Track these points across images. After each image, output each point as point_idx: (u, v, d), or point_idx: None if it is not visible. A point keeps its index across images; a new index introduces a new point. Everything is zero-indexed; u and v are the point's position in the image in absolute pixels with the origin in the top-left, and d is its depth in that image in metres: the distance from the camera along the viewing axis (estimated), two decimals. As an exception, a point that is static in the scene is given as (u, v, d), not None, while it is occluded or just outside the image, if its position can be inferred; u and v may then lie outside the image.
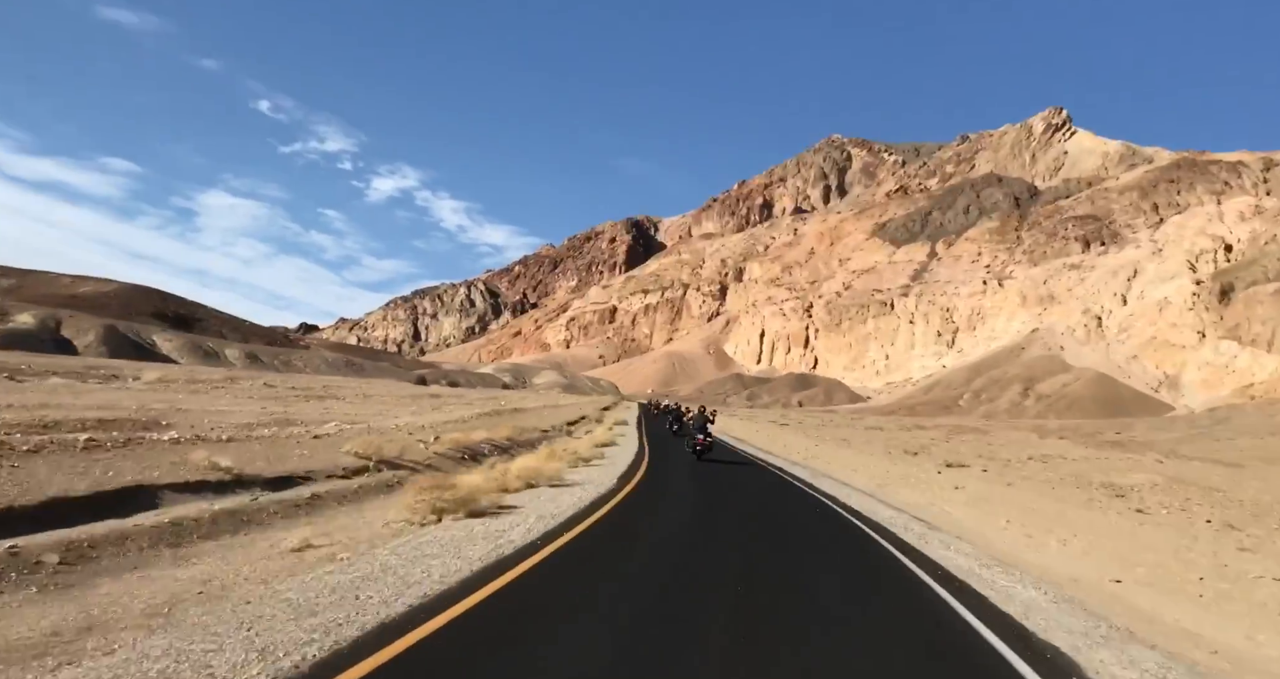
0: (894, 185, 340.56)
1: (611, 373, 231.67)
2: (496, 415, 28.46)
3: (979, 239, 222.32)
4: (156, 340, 56.14)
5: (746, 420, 65.25)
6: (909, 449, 37.29)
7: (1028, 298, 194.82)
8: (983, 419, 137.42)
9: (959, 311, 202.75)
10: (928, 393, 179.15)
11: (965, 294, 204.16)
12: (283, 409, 22.55)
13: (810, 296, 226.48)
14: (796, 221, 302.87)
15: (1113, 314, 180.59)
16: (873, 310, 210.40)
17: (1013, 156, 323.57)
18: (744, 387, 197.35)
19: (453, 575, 6.85)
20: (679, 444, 29.36)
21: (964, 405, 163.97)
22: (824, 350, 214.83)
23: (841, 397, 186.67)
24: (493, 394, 64.50)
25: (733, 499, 15.43)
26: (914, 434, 68.15)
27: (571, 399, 69.88)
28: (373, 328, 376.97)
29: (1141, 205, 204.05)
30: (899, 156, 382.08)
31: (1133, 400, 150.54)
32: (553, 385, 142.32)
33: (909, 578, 8.86)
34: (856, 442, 43.15)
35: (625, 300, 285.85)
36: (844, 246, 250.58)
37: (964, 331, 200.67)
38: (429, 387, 67.73)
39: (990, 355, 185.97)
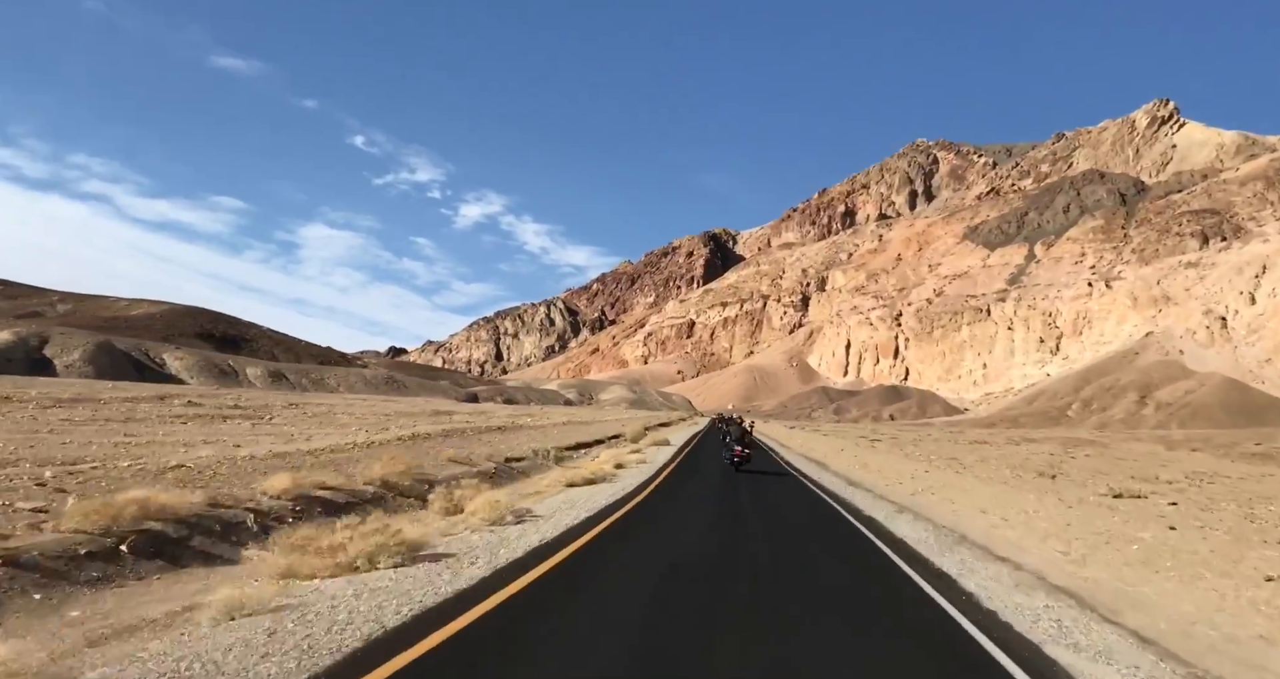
0: (985, 188, 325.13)
1: (690, 388, 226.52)
2: (467, 435, 23.17)
3: (1082, 239, 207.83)
4: (167, 359, 53.64)
5: (832, 437, 59.29)
6: (1040, 470, 30.48)
7: (1139, 299, 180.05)
8: (1095, 430, 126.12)
9: (1063, 316, 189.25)
10: (1031, 403, 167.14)
11: (1069, 297, 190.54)
12: (136, 437, 17.01)
13: (899, 304, 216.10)
14: (881, 228, 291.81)
15: (1239, 314, 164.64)
16: (967, 317, 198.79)
17: (1114, 153, 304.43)
18: (830, 400, 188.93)
19: None
20: (723, 482, 18.91)
21: (1073, 415, 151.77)
22: (915, 360, 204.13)
23: (936, 409, 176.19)
24: (526, 410, 60.69)
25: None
26: (1026, 449, 60.85)
27: (629, 415, 65.31)
28: (456, 349, 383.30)
29: (1268, 196, 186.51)
30: (989, 158, 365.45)
31: (1270, 407, 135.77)
32: (619, 401, 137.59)
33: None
34: (967, 460, 37.02)
35: (703, 314, 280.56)
36: (933, 251, 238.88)
37: (1069, 337, 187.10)
38: (470, 404, 64.17)
39: (1100, 362, 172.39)
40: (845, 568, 9.06)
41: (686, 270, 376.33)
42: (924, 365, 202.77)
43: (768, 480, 20.53)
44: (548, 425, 33.87)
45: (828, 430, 78.93)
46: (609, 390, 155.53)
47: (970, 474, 27.01)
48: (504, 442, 23.07)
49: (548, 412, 56.23)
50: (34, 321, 59.68)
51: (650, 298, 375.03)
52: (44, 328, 55.27)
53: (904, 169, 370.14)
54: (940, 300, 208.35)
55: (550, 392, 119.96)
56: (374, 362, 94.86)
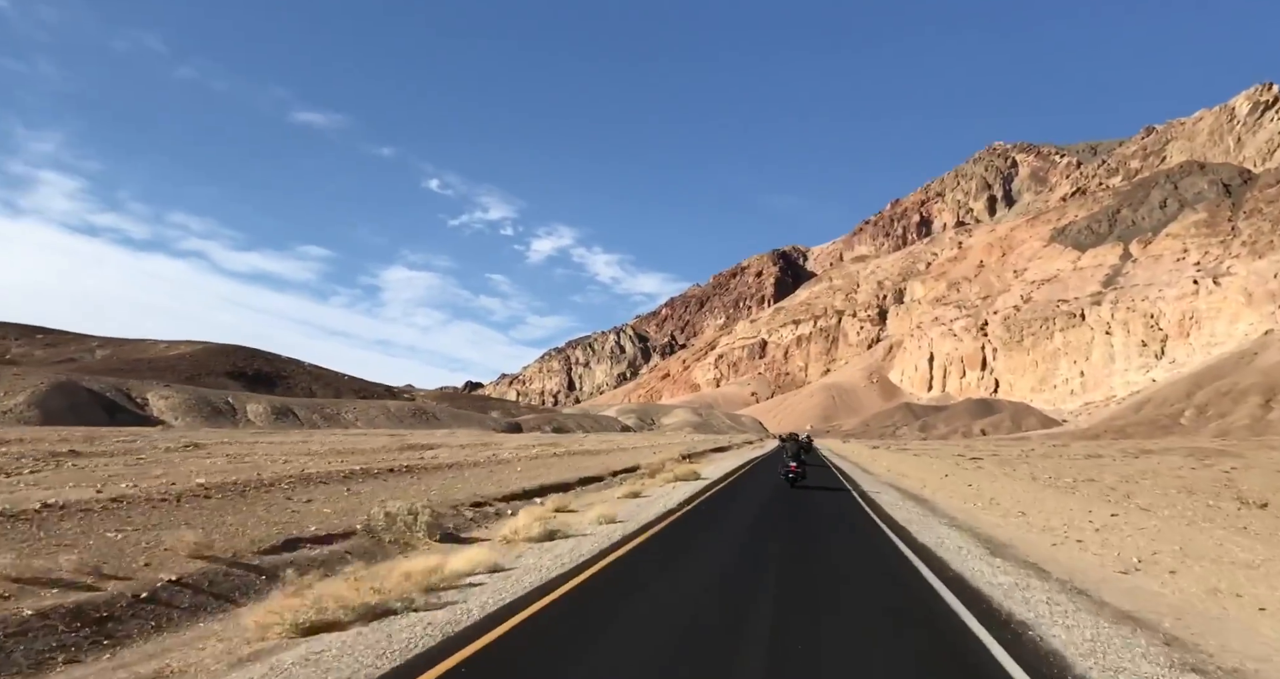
0: (1070, 188, 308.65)
1: (765, 410, 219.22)
2: (377, 479, 16.99)
3: (1183, 234, 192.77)
4: (151, 399, 49.95)
5: (924, 456, 52.19)
6: (1234, 495, 21.04)
7: (1254, 296, 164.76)
8: (1217, 438, 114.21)
9: (1167, 317, 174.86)
10: (1138, 411, 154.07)
11: (1172, 297, 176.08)
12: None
13: (984, 313, 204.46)
14: (960, 235, 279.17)
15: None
16: (1060, 323, 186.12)
17: (1213, 143, 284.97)
18: (915, 417, 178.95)
19: None
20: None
21: (1186, 423, 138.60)
22: (1005, 371, 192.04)
23: (1031, 421, 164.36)
24: (561, 438, 56.18)
25: None
26: (1150, 462, 53.31)
27: (686, 439, 60.16)
28: (530, 381, 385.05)
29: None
30: (1073, 158, 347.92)
31: None
32: (682, 425, 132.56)
33: None
34: (1106, 480, 30.58)
35: (775, 333, 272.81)
36: (1018, 256, 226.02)
37: (1175, 339, 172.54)
38: (506, 434, 60.06)
39: (1213, 364, 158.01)
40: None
41: (756, 290, 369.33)
42: (1015, 376, 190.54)
43: (832, 552, 11.27)
44: (550, 457, 28.47)
45: (917, 449, 71.99)
46: (672, 414, 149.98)
47: (1154, 511, 17.62)
48: (406, 489, 15.55)
49: (584, 439, 51.66)
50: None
51: (720, 320, 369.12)
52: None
53: (981, 174, 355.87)
54: (1029, 307, 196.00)
55: (607, 418, 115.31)
56: (421, 395, 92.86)
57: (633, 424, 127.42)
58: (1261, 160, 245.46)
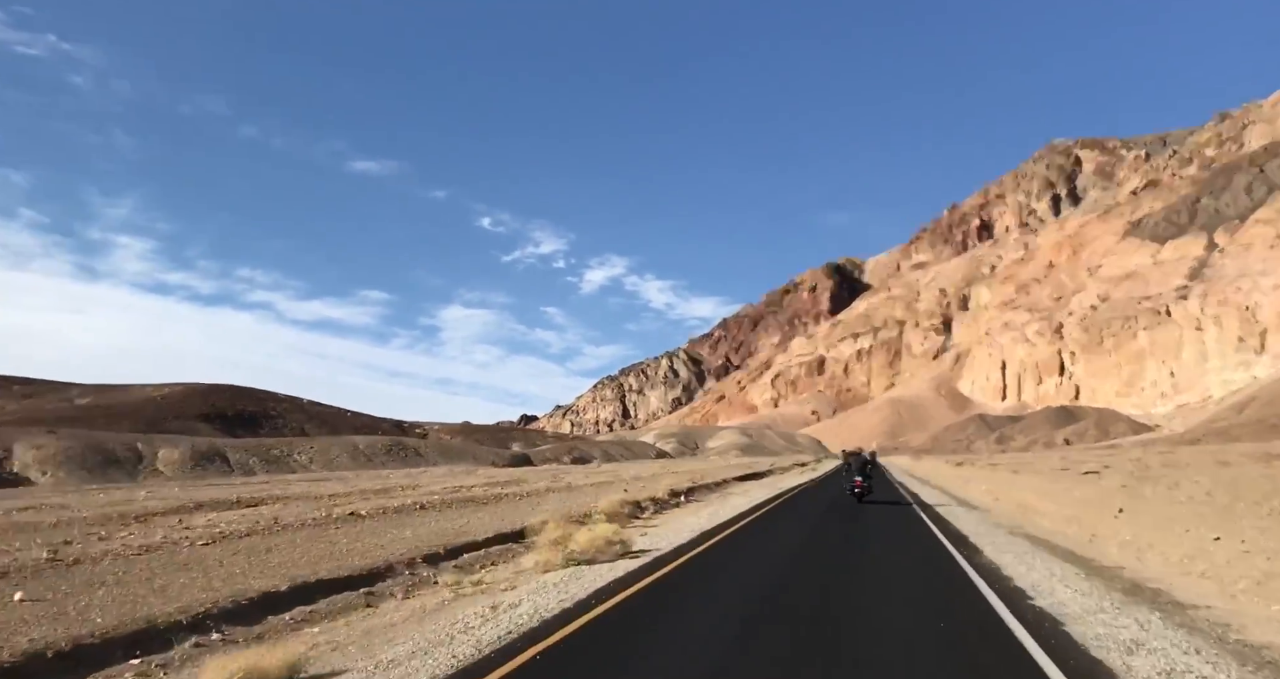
0: (1141, 182, 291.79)
1: (827, 429, 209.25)
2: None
3: (1274, 220, 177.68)
4: (17, 450, 41.18)
5: (1025, 474, 42.29)
6: None
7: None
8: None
9: (1264, 309, 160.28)
10: (1241, 412, 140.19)
11: (1269, 287, 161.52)
12: None
13: (1058, 315, 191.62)
14: (1025, 235, 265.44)
15: None
16: (1143, 321, 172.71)
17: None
18: (990, 429, 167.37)
19: None
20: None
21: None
22: (1086, 376, 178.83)
23: (1120, 428, 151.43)
24: (562, 469, 49.41)
25: None
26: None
27: (724, 463, 52.53)
28: (584, 411, 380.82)
29: None
30: (1140, 151, 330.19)
31: None
32: (729, 448, 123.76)
33: None
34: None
35: (833, 348, 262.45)
36: (1091, 253, 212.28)
37: (1275, 333, 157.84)
38: (500, 469, 53.37)
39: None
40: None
41: (812, 306, 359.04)
42: (1097, 380, 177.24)
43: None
44: (465, 503, 21.18)
45: (1010, 464, 61.74)
46: (719, 437, 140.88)
47: None
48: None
49: (589, 471, 44.56)
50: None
51: (775, 338, 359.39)
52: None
53: (1042, 173, 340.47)
54: (1107, 306, 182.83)
55: (642, 444, 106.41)
56: (442, 431, 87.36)
57: (672, 449, 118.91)
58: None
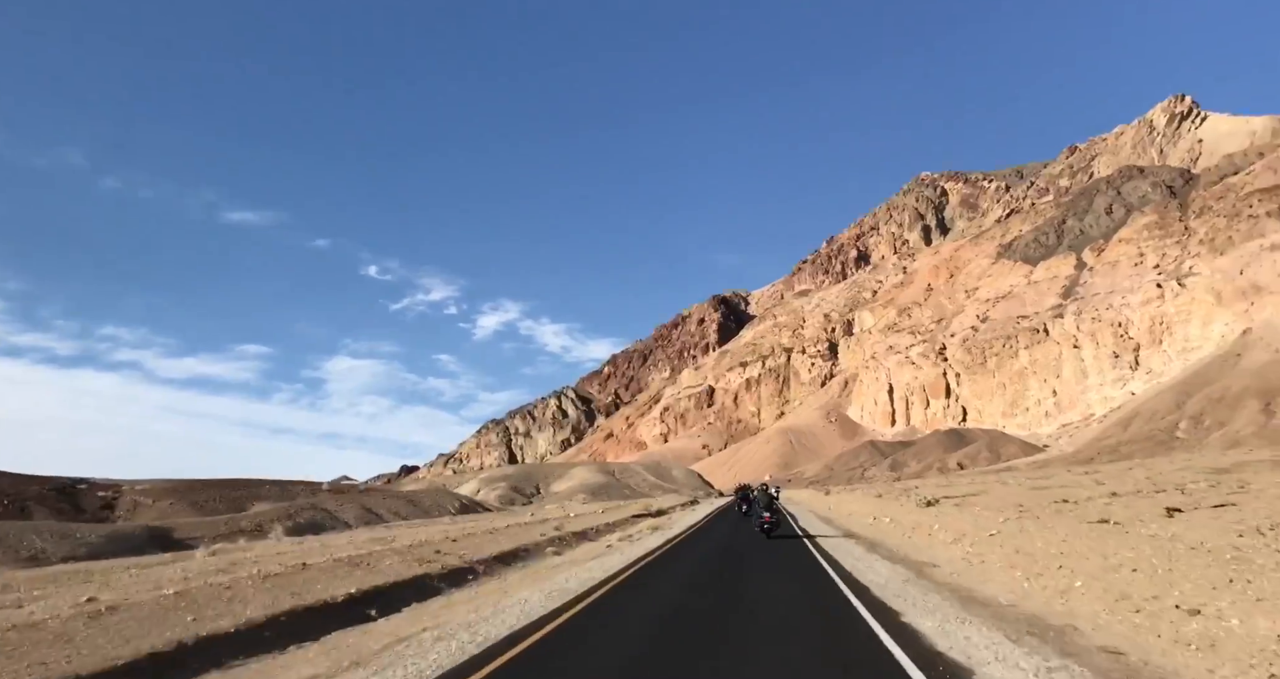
0: (1003, 211, 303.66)
1: (719, 463, 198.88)
2: None
3: (1136, 238, 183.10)
4: None
5: (937, 513, 35.36)
6: None
7: (1223, 294, 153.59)
8: (1225, 451, 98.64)
9: (1135, 325, 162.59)
10: (1127, 428, 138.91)
11: (1138, 303, 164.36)
12: None
13: (940, 337, 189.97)
14: (903, 259, 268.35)
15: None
16: (1024, 340, 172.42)
17: (1137, 156, 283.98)
18: (883, 455, 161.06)
19: None
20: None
21: (1183, 436, 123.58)
22: (972, 397, 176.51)
23: (1011, 449, 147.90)
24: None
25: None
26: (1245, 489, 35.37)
27: (528, 520, 37.52)
28: (468, 458, 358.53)
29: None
30: (1000, 182, 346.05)
31: None
32: (577, 491, 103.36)
33: None
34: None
35: (722, 378, 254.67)
36: (967, 276, 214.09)
37: (1148, 348, 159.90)
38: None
39: (1195, 371, 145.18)
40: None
41: (700, 338, 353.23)
42: (983, 401, 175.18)
43: None
44: None
45: (930, 492, 51.96)
46: (569, 477, 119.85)
47: None
48: None
49: (264, 549, 28.49)
50: None
51: (665, 372, 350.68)
52: None
53: (912, 205, 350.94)
54: (988, 326, 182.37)
55: (447, 495, 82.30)
56: (144, 490, 68.84)
57: (498, 498, 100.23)
58: (1187, 168, 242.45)
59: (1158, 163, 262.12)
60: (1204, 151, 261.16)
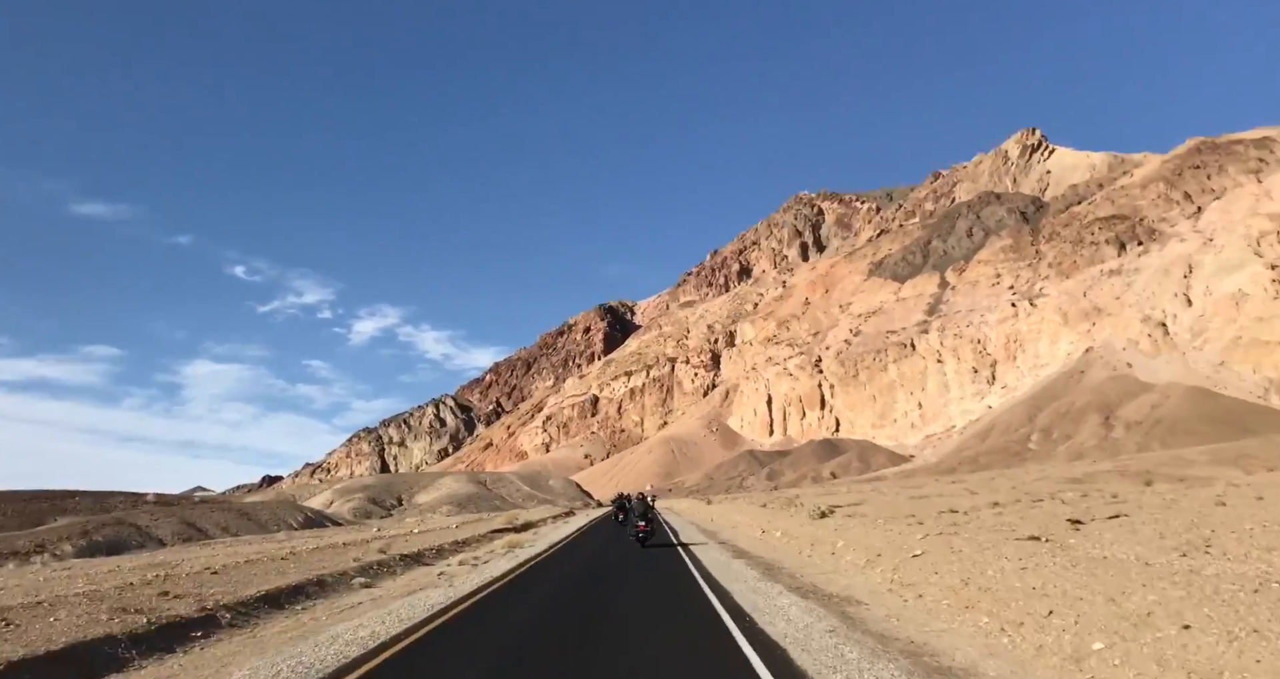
0: (874, 232, 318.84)
1: (601, 472, 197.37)
2: None
3: (993, 260, 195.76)
4: None
5: (836, 527, 34.09)
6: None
7: (1069, 314, 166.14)
8: (1071, 462, 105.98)
9: (992, 342, 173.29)
10: (984, 440, 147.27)
11: (994, 321, 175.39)
12: None
13: (816, 349, 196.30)
14: (782, 274, 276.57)
15: (1178, 318, 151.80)
16: (892, 354, 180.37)
17: (993, 183, 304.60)
18: (761, 464, 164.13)
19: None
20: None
21: (1035, 448, 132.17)
22: (844, 408, 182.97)
23: (880, 459, 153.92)
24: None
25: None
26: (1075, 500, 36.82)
27: (383, 534, 32.72)
28: (336, 468, 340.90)
29: (1171, 196, 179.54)
30: (872, 203, 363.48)
31: (1248, 413, 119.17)
32: (443, 502, 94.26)
33: None
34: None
35: (606, 387, 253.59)
36: (841, 291, 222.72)
37: (1004, 363, 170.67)
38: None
39: (1045, 386, 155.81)
40: None
41: (585, 347, 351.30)
42: (854, 413, 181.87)
43: None
44: None
45: (816, 502, 52.09)
46: (436, 487, 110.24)
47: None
48: None
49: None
50: None
51: (549, 381, 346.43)
52: None
53: (791, 222, 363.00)
54: (860, 340, 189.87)
55: (290, 508, 72.51)
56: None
57: (352, 510, 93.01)
58: (1039, 195, 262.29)
59: (1012, 190, 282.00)
60: (1052, 182, 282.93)
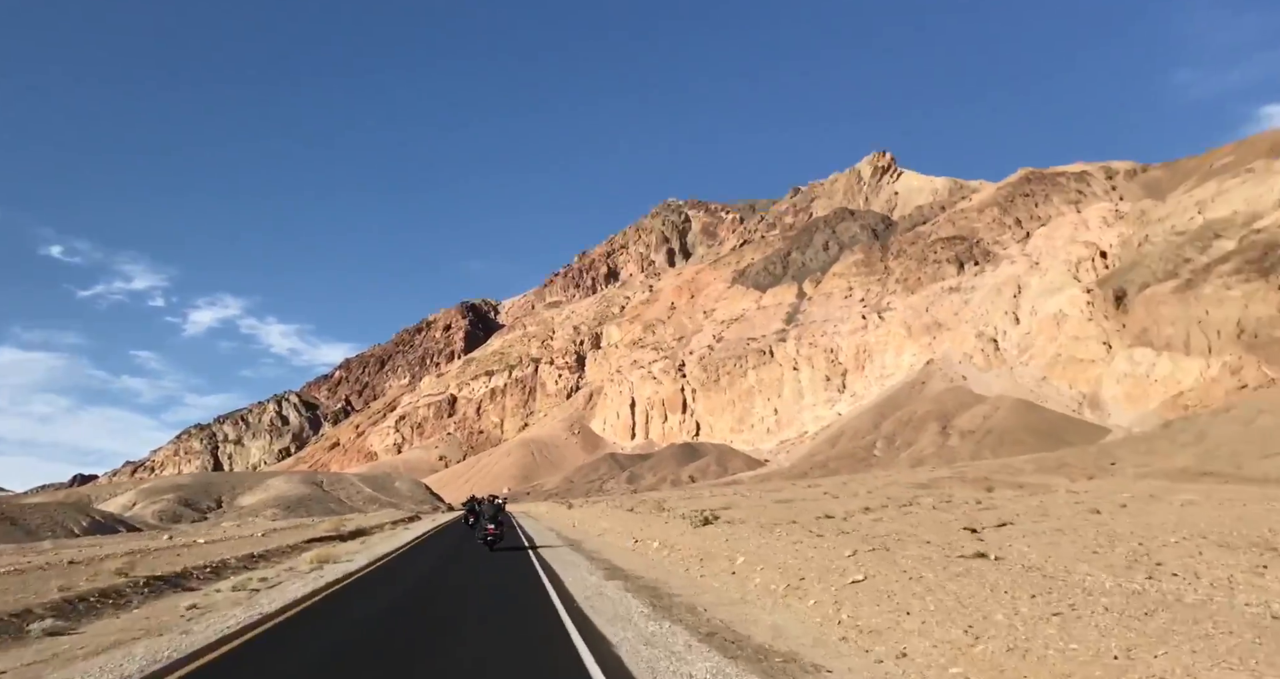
0: (737, 241, 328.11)
1: (456, 475, 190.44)
2: None
3: (847, 273, 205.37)
4: None
5: (727, 537, 31.64)
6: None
7: (913, 328, 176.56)
8: (913, 467, 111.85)
9: (844, 352, 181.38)
10: (834, 446, 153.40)
11: (846, 332, 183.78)
12: None
13: (680, 354, 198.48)
14: (650, 278, 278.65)
15: (1008, 335, 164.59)
16: (752, 361, 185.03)
17: (847, 201, 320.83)
18: (621, 467, 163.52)
19: None
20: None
21: (880, 454, 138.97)
22: (705, 413, 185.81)
23: (737, 464, 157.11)
24: None
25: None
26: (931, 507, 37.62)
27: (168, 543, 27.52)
28: (162, 467, 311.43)
29: (1004, 220, 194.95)
30: (736, 214, 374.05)
31: (1063, 424, 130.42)
32: (270, 505, 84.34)
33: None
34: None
35: (466, 386, 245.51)
36: (706, 297, 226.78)
37: (853, 372, 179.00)
38: None
39: (890, 395, 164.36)
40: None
41: (445, 345, 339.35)
42: (714, 417, 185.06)
43: None
44: None
45: (686, 506, 50.35)
46: (263, 488, 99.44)
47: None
48: None
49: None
50: None
51: (405, 379, 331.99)
52: None
53: (659, 228, 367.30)
54: (722, 346, 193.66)
55: (72, 511, 61.92)
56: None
57: (156, 515, 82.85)
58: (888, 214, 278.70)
59: (864, 208, 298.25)
60: (899, 202, 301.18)
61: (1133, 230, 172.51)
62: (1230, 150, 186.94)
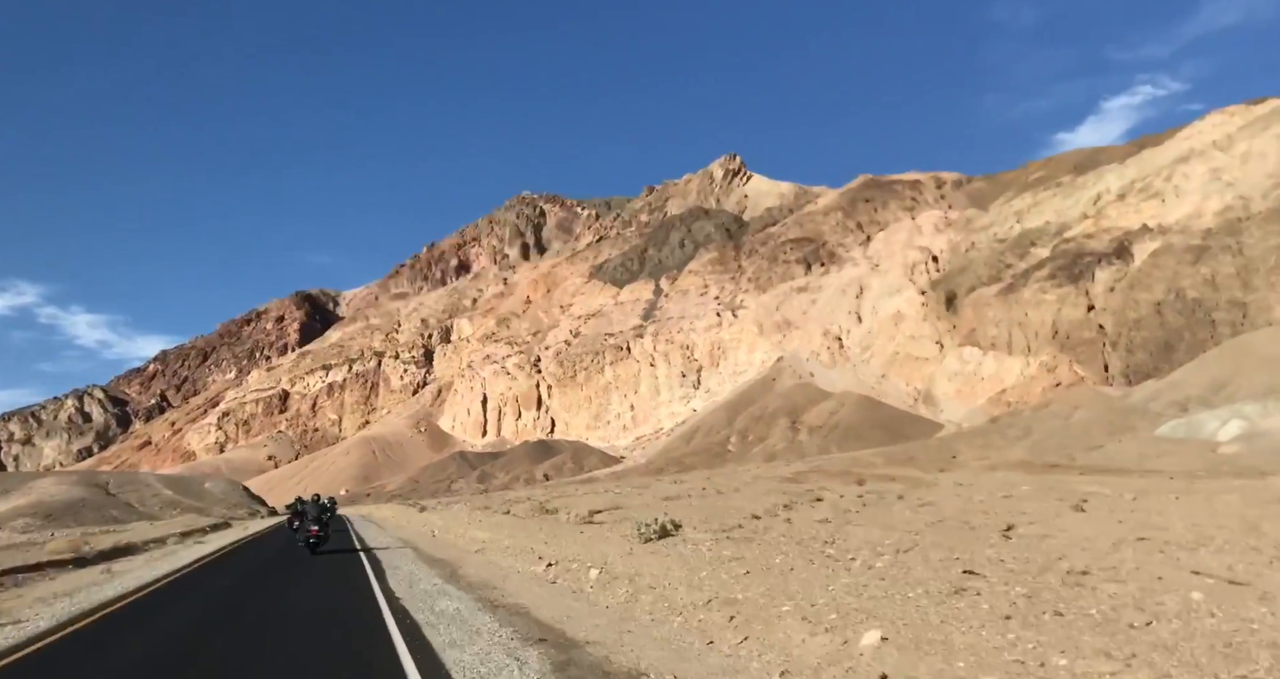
0: (594, 237, 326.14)
1: (287, 476, 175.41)
2: None
3: (702, 271, 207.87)
4: None
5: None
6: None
7: (764, 326, 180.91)
8: (766, 462, 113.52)
9: (699, 348, 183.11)
10: (689, 442, 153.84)
11: (702, 329, 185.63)
12: None
13: (536, 349, 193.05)
14: (504, 271, 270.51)
15: (851, 334, 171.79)
16: (609, 357, 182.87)
17: (700, 201, 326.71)
18: (471, 466, 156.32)
19: None
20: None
21: (734, 450, 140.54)
22: (561, 409, 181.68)
23: (593, 461, 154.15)
24: None
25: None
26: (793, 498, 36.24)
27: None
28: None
29: (847, 224, 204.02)
30: (592, 210, 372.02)
31: (900, 419, 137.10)
32: (24, 513, 66.29)
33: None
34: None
35: (300, 381, 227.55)
36: (563, 292, 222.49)
37: (708, 369, 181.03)
38: None
39: (742, 391, 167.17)
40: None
41: (278, 337, 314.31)
42: (570, 414, 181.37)
43: None
44: None
45: (515, 508, 45.90)
46: (26, 490, 78.03)
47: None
48: None
49: None
50: None
51: (230, 373, 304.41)
52: None
53: (513, 221, 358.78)
54: (579, 341, 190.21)
55: None
56: None
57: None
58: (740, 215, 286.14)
59: (717, 209, 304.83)
60: (749, 205, 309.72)
61: (960, 236, 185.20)
62: (1042, 165, 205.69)
